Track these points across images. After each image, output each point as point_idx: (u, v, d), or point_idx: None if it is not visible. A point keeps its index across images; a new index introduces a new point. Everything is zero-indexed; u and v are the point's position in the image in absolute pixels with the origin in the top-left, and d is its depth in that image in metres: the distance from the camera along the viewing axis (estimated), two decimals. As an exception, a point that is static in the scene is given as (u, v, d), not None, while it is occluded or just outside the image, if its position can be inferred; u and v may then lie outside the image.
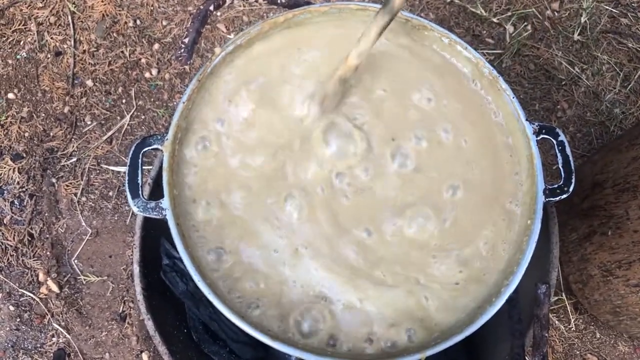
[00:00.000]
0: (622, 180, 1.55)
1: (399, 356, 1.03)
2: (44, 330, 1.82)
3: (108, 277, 1.88)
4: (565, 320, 1.89)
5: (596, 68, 2.15)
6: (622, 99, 2.12)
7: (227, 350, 1.36)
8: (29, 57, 2.11)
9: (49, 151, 2.00)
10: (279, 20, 1.25)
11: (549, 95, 2.12)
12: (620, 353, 1.87)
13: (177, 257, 1.29)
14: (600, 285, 1.70)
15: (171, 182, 1.12)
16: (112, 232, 1.93)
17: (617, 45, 2.18)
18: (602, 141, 2.07)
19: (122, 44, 2.13)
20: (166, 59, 2.11)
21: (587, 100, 2.12)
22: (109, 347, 1.81)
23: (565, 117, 2.10)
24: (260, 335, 1.01)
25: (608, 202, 1.60)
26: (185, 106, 1.17)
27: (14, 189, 1.93)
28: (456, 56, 1.28)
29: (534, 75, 2.14)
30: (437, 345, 1.04)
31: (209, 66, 1.20)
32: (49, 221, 1.92)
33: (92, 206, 1.95)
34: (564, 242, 1.82)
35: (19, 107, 2.04)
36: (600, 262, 1.65)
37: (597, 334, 1.89)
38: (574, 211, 1.77)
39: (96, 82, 2.08)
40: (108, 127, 2.04)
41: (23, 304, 1.83)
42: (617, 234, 1.56)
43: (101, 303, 1.86)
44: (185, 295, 1.30)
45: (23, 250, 1.88)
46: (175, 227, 1.08)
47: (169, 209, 1.08)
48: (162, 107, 2.06)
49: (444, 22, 2.16)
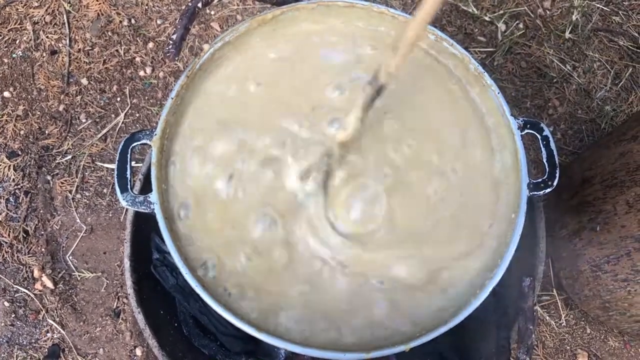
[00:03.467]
0: (610, 176, 1.56)
1: (383, 348, 1.04)
2: (39, 325, 1.83)
3: (102, 273, 1.90)
4: (556, 315, 1.91)
5: (587, 66, 2.16)
6: (613, 97, 2.13)
7: (217, 343, 1.38)
8: (24, 56, 2.13)
9: (44, 149, 2.01)
10: (267, 18, 1.26)
11: (540, 93, 2.13)
12: (610, 348, 1.88)
13: (167, 252, 1.31)
14: (590, 281, 1.71)
15: (159, 176, 1.14)
16: (106, 229, 1.94)
17: (609, 43, 2.19)
18: (593, 138, 2.08)
19: (116, 43, 2.14)
20: (160, 57, 2.13)
21: (578, 97, 2.13)
22: (103, 343, 1.83)
23: (556, 114, 2.11)
24: (246, 326, 1.03)
25: (596, 197, 1.61)
26: (174, 102, 1.19)
27: (9, 186, 1.95)
28: (442, 53, 1.30)
29: (525, 73, 2.16)
30: (421, 337, 1.05)
31: (197, 62, 1.22)
32: (44, 218, 1.94)
33: (87, 203, 1.97)
34: (554, 238, 1.83)
35: (15, 105, 2.06)
36: (590, 258, 1.67)
37: (588, 329, 1.90)
38: (564, 208, 1.79)
39: (91, 81, 2.10)
40: (103, 125, 2.05)
41: (18, 299, 1.85)
42: (606, 229, 1.57)
43: (95, 299, 1.87)
44: (175, 289, 1.32)
45: (18, 247, 1.89)
46: (163, 220, 1.09)
47: (157, 203, 1.10)
48: (156, 105, 2.08)
49: (436, 21, 2.17)
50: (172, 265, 1.32)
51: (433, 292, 1.11)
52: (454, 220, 1.16)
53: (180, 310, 1.40)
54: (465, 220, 1.16)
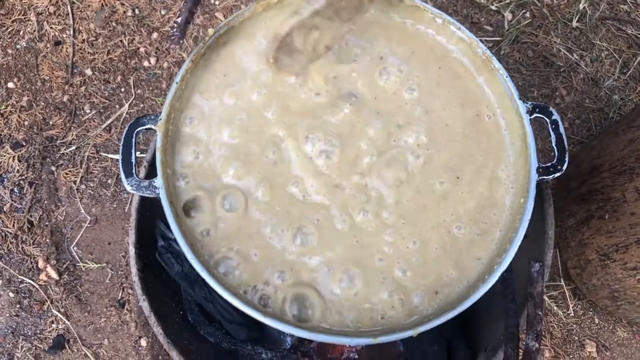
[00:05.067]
0: (619, 163, 1.55)
1: (391, 333, 1.03)
2: (44, 316, 1.83)
3: (107, 264, 1.89)
4: (563, 306, 1.89)
5: (595, 55, 2.14)
6: (621, 86, 2.11)
7: (222, 331, 1.36)
8: (28, 47, 2.12)
9: (49, 139, 2.01)
10: (272, 2, 1.25)
11: (547, 82, 2.11)
12: (619, 339, 1.87)
13: (172, 239, 1.30)
14: (598, 270, 1.69)
15: (164, 161, 1.12)
16: (111, 220, 1.93)
17: (616, 32, 2.17)
18: (600, 128, 2.06)
19: (120, 33, 2.13)
20: (164, 47, 2.12)
21: (585, 87, 2.11)
22: (108, 333, 1.82)
23: (563, 103, 2.09)
24: (253, 312, 1.02)
25: (605, 185, 1.59)
26: (179, 87, 1.18)
27: (13, 177, 1.95)
28: (450, 38, 1.29)
29: (532, 62, 2.14)
30: (429, 322, 1.04)
31: (202, 47, 1.21)
32: (49, 209, 1.93)
33: (91, 194, 1.96)
34: (562, 227, 1.82)
35: (19, 96, 2.05)
36: (598, 247, 1.65)
37: (596, 319, 1.88)
38: (572, 196, 1.77)
39: (95, 71, 2.09)
40: (107, 115, 2.04)
41: (23, 290, 1.85)
42: (614, 217, 1.55)
43: (100, 290, 1.86)
44: (181, 276, 1.31)
45: (23, 238, 1.89)
46: (168, 205, 1.08)
47: (162, 188, 1.09)
48: (160, 95, 2.07)
49: (442, 10, 2.15)
50: (177, 252, 1.31)
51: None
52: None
53: (186, 298, 1.39)
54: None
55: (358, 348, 1.50)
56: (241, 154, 1.17)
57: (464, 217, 1.15)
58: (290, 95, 1.22)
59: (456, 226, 1.14)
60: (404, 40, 1.29)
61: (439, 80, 1.26)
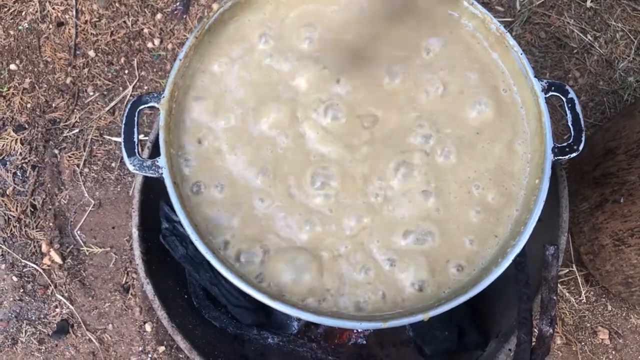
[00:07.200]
0: (635, 145, 1.50)
1: (402, 317, 1.00)
2: (47, 301, 1.81)
3: (111, 248, 1.86)
4: (575, 292, 1.85)
5: (609, 36, 2.09)
6: (637, 67, 2.05)
7: (228, 315, 1.34)
8: (30, 28, 2.08)
9: (52, 122, 1.97)
10: (279, -24, 1.21)
11: (560, 64, 2.06)
12: (632, 326, 1.83)
13: (177, 221, 1.27)
14: (612, 256, 1.65)
15: (168, 140, 1.09)
16: (114, 203, 1.91)
17: (632, 12, 2.11)
18: (615, 110, 2.01)
19: (124, 14, 2.09)
20: (169, 29, 2.07)
21: (599, 68, 2.06)
22: (112, 318, 1.80)
23: (577, 86, 2.04)
24: (259, 294, 0.99)
25: (620, 168, 1.55)
26: (182, 63, 1.14)
27: (16, 160, 1.92)
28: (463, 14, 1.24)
29: (544, 43, 2.09)
30: (440, 306, 1.01)
31: (206, 23, 1.17)
32: (52, 192, 1.91)
33: (95, 177, 1.93)
34: (575, 212, 1.77)
35: (21, 78, 2.02)
36: (612, 231, 1.61)
37: (609, 306, 1.85)
38: (585, 180, 1.73)
39: (98, 53, 2.05)
40: (110, 97, 2.01)
41: (26, 274, 1.82)
42: (630, 200, 1.51)
43: (104, 274, 1.84)
44: (185, 259, 1.28)
45: (26, 221, 1.86)
46: (172, 185, 1.05)
47: (165, 168, 1.06)
48: (164, 77, 2.03)
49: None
50: (181, 235, 1.28)
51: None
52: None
53: (190, 281, 1.37)
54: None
55: (366, 333, 1.48)
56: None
57: (484, 175, 1.13)
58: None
59: (475, 185, 1.12)
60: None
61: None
